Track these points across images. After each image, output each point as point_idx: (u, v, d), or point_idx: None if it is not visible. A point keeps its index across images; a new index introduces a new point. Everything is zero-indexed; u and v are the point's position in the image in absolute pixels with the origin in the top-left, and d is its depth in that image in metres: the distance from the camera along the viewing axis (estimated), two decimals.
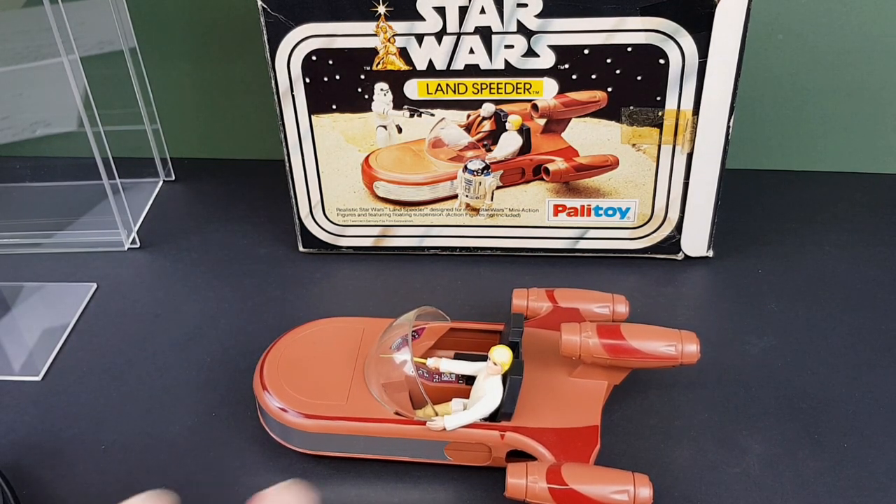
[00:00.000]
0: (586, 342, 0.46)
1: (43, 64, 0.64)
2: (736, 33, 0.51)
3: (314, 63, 0.55)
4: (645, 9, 0.51)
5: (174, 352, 0.56)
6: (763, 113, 0.68)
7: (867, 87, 0.66)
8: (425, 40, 0.54)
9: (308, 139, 0.58)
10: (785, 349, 0.53)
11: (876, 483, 0.45)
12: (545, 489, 0.42)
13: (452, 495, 0.46)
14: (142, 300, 0.61)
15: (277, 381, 0.47)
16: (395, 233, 0.62)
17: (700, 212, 0.58)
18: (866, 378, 0.51)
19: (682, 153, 0.56)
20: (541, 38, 0.53)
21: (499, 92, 0.55)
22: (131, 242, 0.66)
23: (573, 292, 0.53)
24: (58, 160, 0.73)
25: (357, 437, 0.45)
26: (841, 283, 0.58)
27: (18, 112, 0.70)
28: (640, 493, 0.41)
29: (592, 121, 0.56)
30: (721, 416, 0.49)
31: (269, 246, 0.65)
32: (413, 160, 0.59)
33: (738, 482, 0.45)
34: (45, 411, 0.52)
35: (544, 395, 0.47)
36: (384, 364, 0.47)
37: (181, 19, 0.70)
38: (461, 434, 0.45)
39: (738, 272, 0.60)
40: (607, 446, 0.47)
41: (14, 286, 0.62)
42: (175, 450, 0.49)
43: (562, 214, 0.60)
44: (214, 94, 0.74)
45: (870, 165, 0.70)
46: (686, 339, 0.46)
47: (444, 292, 0.60)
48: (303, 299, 0.60)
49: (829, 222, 0.64)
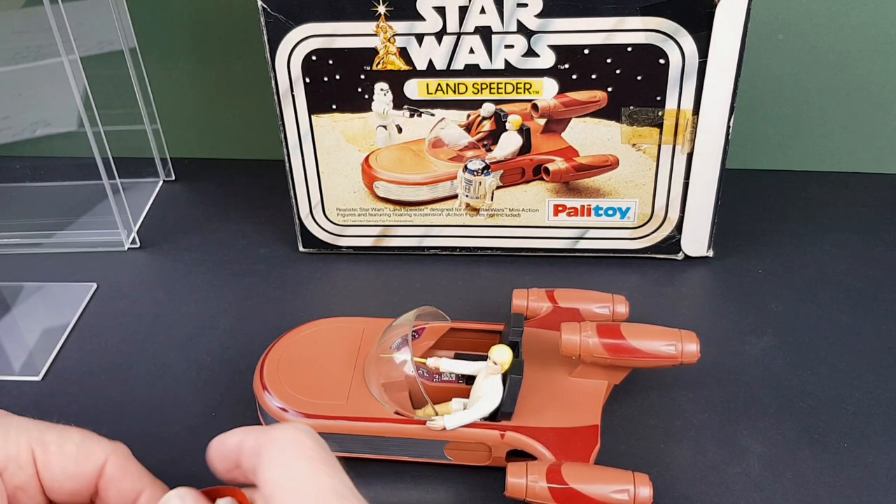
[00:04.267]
0: (586, 342, 0.46)
1: (43, 64, 0.64)
2: (736, 33, 0.51)
3: (314, 63, 0.55)
4: (645, 9, 0.51)
5: (174, 352, 0.56)
6: (763, 113, 0.68)
7: (867, 87, 0.66)
8: (425, 40, 0.54)
9: (308, 139, 0.58)
10: (785, 349, 0.53)
11: (876, 483, 0.45)
12: (545, 489, 0.42)
13: (452, 495, 0.46)
14: (142, 300, 0.61)
15: (277, 381, 0.47)
16: (395, 233, 0.62)
17: (700, 212, 0.58)
18: (866, 378, 0.51)
19: (682, 153, 0.56)
20: (541, 37, 0.53)
21: (499, 92, 0.55)
22: (131, 242, 0.66)
23: (573, 292, 0.53)
24: (58, 160, 0.73)
25: (357, 437, 0.45)
26: (841, 283, 0.58)
27: (18, 112, 0.70)
28: (640, 492, 0.41)
29: (592, 121, 0.56)
30: (721, 416, 0.49)
31: (269, 246, 0.65)
32: (413, 160, 0.59)
33: (738, 482, 0.45)
34: (45, 411, 0.52)
35: (544, 394, 0.47)
36: (384, 364, 0.47)
37: (181, 19, 0.70)
38: (461, 434, 0.45)
39: (738, 272, 0.60)
40: (607, 446, 0.47)
41: (14, 286, 0.62)
42: (175, 449, 0.49)
43: (562, 214, 0.60)
44: (214, 94, 0.74)
45: (870, 165, 0.70)
46: (686, 339, 0.46)
47: (444, 292, 0.60)
48: (303, 299, 0.60)
49: (829, 222, 0.64)
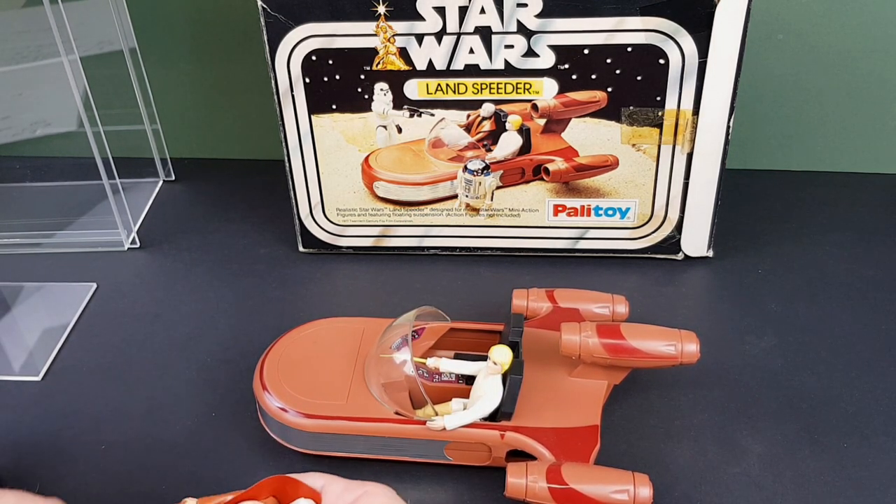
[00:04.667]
0: (586, 342, 0.46)
1: (43, 64, 0.64)
2: (736, 33, 0.51)
3: (314, 63, 0.55)
4: (645, 9, 0.51)
5: (174, 352, 0.56)
6: (763, 113, 0.68)
7: (867, 87, 0.66)
8: (425, 40, 0.54)
9: (308, 139, 0.58)
10: (785, 349, 0.53)
11: (876, 483, 0.45)
12: (545, 489, 0.42)
13: (452, 495, 0.46)
14: (142, 300, 0.61)
15: (277, 381, 0.47)
16: (395, 233, 0.62)
17: (700, 212, 0.58)
18: (866, 378, 0.51)
19: (682, 153, 0.56)
20: (541, 38, 0.53)
21: (499, 92, 0.55)
22: (131, 242, 0.66)
23: (573, 292, 0.53)
24: (58, 160, 0.73)
25: (357, 437, 0.45)
26: (841, 283, 0.58)
27: (18, 112, 0.70)
28: (640, 492, 0.41)
29: (592, 121, 0.56)
30: (721, 416, 0.49)
31: (269, 246, 0.65)
32: (413, 160, 0.59)
33: (738, 482, 0.45)
34: (45, 411, 0.52)
35: (544, 394, 0.47)
36: (384, 364, 0.47)
37: (181, 19, 0.70)
38: (461, 434, 0.45)
39: (738, 272, 0.60)
40: (607, 446, 0.47)
41: (14, 286, 0.62)
42: (175, 450, 0.49)
43: (562, 214, 0.60)
44: (214, 94, 0.74)
45: (870, 165, 0.70)
46: (686, 339, 0.46)
47: (444, 292, 0.60)
48: (303, 299, 0.60)
49: (829, 222, 0.64)
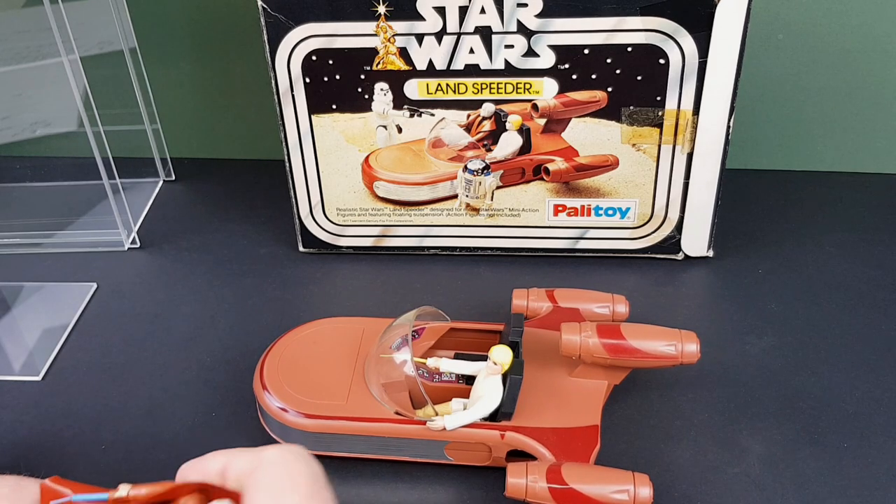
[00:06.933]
0: (586, 342, 0.46)
1: (43, 64, 0.64)
2: (736, 33, 0.51)
3: (314, 63, 0.55)
4: (645, 9, 0.51)
5: (174, 352, 0.56)
6: (763, 113, 0.68)
7: (867, 87, 0.66)
8: (425, 40, 0.54)
9: (308, 139, 0.58)
10: (785, 349, 0.53)
11: (876, 483, 0.45)
12: (545, 489, 0.42)
13: (452, 495, 0.46)
14: (142, 300, 0.61)
15: (277, 381, 0.47)
16: (395, 233, 0.62)
17: (700, 212, 0.58)
18: (866, 378, 0.51)
19: (682, 153, 0.56)
20: (541, 37, 0.53)
21: (499, 92, 0.55)
22: (131, 242, 0.66)
23: (573, 292, 0.53)
24: (58, 160, 0.73)
25: (357, 437, 0.45)
26: (841, 283, 0.58)
27: (18, 112, 0.70)
28: (640, 492, 0.41)
29: (592, 121, 0.56)
30: (721, 416, 0.49)
31: (269, 246, 0.65)
32: (413, 160, 0.59)
33: (738, 482, 0.45)
34: (45, 411, 0.52)
35: (544, 394, 0.47)
36: (384, 364, 0.47)
37: (181, 19, 0.70)
38: (461, 434, 0.45)
39: (738, 272, 0.60)
40: (607, 446, 0.47)
41: (14, 286, 0.62)
42: (175, 450, 0.49)
43: (562, 214, 0.60)
44: (214, 94, 0.74)
45: (870, 165, 0.70)
46: (686, 339, 0.46)
47: (444, 292, 0.60)
48: (303, 299, 0.60)
49: (829, 222, 0.64)
